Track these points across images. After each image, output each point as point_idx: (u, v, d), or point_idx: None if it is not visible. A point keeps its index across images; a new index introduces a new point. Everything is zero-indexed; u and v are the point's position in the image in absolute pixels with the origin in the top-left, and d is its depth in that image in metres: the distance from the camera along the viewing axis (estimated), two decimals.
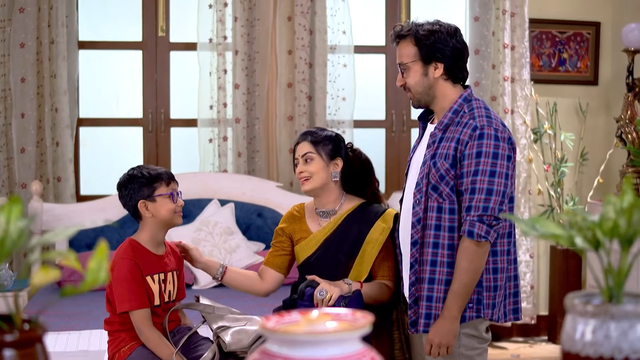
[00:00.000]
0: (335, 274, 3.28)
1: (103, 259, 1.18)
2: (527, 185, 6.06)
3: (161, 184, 3.24)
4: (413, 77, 3.09)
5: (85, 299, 4.56)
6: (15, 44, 5.56)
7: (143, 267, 3.16)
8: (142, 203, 3.21)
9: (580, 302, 1.28)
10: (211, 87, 5.84)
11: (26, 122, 5.57)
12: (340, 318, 1.26)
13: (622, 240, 1.28)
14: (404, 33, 3.10)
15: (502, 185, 2.93)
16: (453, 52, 3.07)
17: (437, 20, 3.13)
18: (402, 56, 3.12)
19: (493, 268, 3.01)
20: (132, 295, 3.10)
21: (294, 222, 3.43)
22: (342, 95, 6.00)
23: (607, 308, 1.24)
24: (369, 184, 3.46)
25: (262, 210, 5.67)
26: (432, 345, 2.97)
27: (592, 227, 1.29)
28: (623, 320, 1.23)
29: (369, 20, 6.31)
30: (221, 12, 5.79)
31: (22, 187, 5.57)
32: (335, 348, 1.20)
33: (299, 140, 3.38)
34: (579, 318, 1.27)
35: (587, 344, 1.24)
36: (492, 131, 2.96)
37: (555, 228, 1.33)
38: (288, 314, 1.28)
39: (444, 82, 3.09)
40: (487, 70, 6.04)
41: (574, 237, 1.31)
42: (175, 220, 3.26)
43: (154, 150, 6.02)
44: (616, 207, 1.28)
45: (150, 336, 3.11)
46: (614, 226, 1.27)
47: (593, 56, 6.34)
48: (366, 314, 1.26)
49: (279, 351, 1.20)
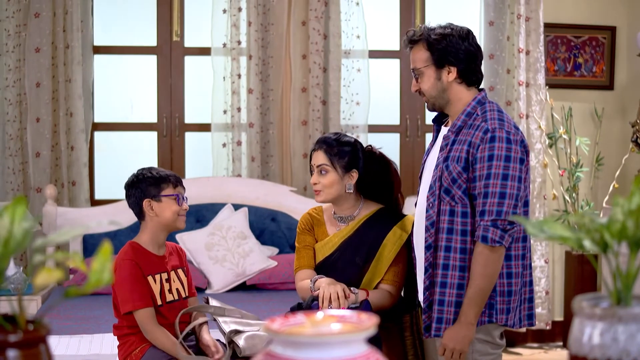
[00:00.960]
0: (351, 276, 3.27)
1: (106, 259, 1.17)
2: (542, 190, 6.03)
3: (168, 185, 3.26)
4: (427, 81, 3.07)
5: (98, 303, 4.57)
6: (30, 48, 5.58)
7: (144, 268, 3.17)
8: (147, 202, 3.22)
9: (588, 305, 1.26)
10: (225, 91, 5.84)
11: (41, 126, 5.59)
12: (345, 320, 1.25)
13: (630, 242, 1.27)
14: (416, 38, 3.08)
15: (515, 189, 2.90)
16: (466, 55, 3.04)
17: (449, 23, 3.11)
18: (415, 61, 3.09)
19: (507, 273, 2.97)
20: (135, 294, 3.11)
21: (314, 223, 3.42)
22: (356, 100, 5.99)
23: (615, 311, 1.22)
24: (388, 188, 3.42)
25: (276, 215, 5.67)
26: (446, 349, 2.95)
27: (600, 229, 1.28)
28: (631, 323, 1.22)
29: (383, 24, 6.30)
30: (235, 17, 5.80)
31: (37, 191, 5.59)
32: (340, 350, 1.19)
33: (316, 147, 3.35)
34: (586, 321, 1.25)
35: (595, 347, 1.23)
36: (504, 134, 2.92)
37: (563, 230, 1.32)
38: (293, 316, 1.27)
39: (458, 85, 3.06)
40: (501, 75, 6.02)
41: (582, 239, 1.30)
42: (177, 223, 3.26)
43: (168, 155, 6.03)
44: (624, 209, 1.26)
45: (156, 335, 3.11)
46: (622, 228, 1.26)
47: (609, 61, 6.31)
48: (371, 316, 1.25)
49: (284, 353, 1.20)
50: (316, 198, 3.34)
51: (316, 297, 3.12)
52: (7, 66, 5.62)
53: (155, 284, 3.20)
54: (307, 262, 3.37)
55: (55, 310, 4.53)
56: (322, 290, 3.09)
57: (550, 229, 1.33)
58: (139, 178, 3.27)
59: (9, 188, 5.63)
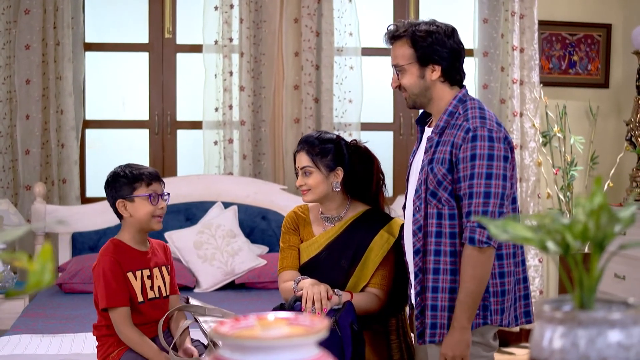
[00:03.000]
0: (337, 278, 3.23)
1: (47, 260, 1.13)
2: (537, 189, 5.99)
3: (141, 184, 3.20)
4: (409, 78, 3.00)
5: (86, 301, 4.53)
6: (20, 45, 5.54)
7: (124, 264, 3.13)
8: (120, 202, 3.18)
9: (549, 308, 1.23)
10: (217, 89, 5.80)
11: (31, 123, 5.56)
12: (297, 323, 1.21)
13: (592, 243, 1.23)
14: (400, 34, 3.01)
15: (500, 188, 2.83)
16: (450, 54, 2.97)
17: (434, 20, 3.04)
18: (397, 57, 3.02)
19: (499, 272, 2.91)
20: (111, 292, 3.07)
21: (299, 222, 3.38)
22: (349, 98, 5.95)
23: (575, 314, 1.19)
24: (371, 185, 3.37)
25: (267, 213, 5.63)
26: (447, 359, 2.89)
27: (561, 230, 1.24)
28: (591, 327, 1.18)
29: (376, 22, 6.25)
30: (227, 14, 5.75)
31: (27, 189, 5.55)
32: (290, 354, 1.15)
33: (298, 149, 3.31)
34: (547, 324, 1.22)
35: (555, 351, 1.19)
36: (486, 132, 2.86)
37: (525, 231, 1.28)
38: (245, 318, 1.24)
39: (441, 84, 2.99)
40: (495, 72, 5.99)
41: (544, 240, 1.26)
42: (152, 225, 3.20)
43: (160, 153, 6.00)
44: (585, 210, 1.23)
45: (129, 335, 3.07)
46: (583, 229, 1.22)
47: (604, 58, 6.27)
48: (323, 319, 1.22)
49: (231, 357, 1.16)
50: (304, 198, 3.30)
51: (299, 298, 3.08)
52: None
53: (135, 280, 3.16)
54: (291, 262, 3.33)
55: (41, 309, 4.50)
56: (305, 290, 3.06)
57: (513, 230, 1.30)
58: (113, 178, 3.23)
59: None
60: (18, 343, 3.78)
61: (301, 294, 3.07)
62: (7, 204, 5.15)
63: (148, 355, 3.06)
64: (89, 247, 5.44)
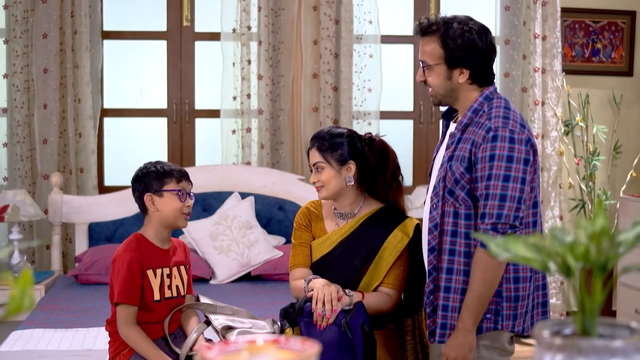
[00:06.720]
0: (349, 277, 3.19)
1: (27, 286, 1.10)
2: (558, 178, 5.92)
3: (171, 179, 3.19)
4: (435, 78, 2.91)
5: (100, 293, 4.53)
6: (38, 34, 5.53)
7: (145, 261, 3.11)
8: (148, 196, 3.17)
9: (548, 334, 1.18)
10: (235, 77, 5.76)
11: (49, 112, 5.55)
12: (287, 347, 1.18)
13: (594, 266, 1.18)
14: (432, 30, 2.90)
15: (517, 191, 2.74)
16: (481, 57, 2.88)
17: (468, 17, 2.93)
18: (425, 54, 2.91)
19: (514, 277, 2.83)
20: (123, 289, 3.06)
21: (311, 218, 3.34)
22: (368, 86, 5.90)
23: (575, 342, 1.14)
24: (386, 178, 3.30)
25: (284, 204, 5.59)
26: (448, 359, 2.85)
27: (563, 252, 1.19)
28: (591, 355, 1.13)
29: (397, 9, 6.19)
30: (245, 2, 5.71)
31: (45, 178, 5.55)
32: None
33: (309, 146, 3.28)
34: (545, 351, 1.17)
35: None
36: (507, 133, 2.77)
37: (526, 251, 1.24)
38: (235, 343, 1.20)
39: (468, 86, 2.91)
40: (517, 60, 5.90)
41: (546, 261, 1.22)
42: (178, 221, 3.19)
43: (178, 141, 5.98)
44: (587, 232, 1.18)
45: (128, 334, 3.06)
46: (585, 252, 1.17)
47: (628, 46, 6.16)
48: (314, 344, 1.18)
49: None
50: (319, 195, 3.26)
51: (309, 299, 3.04)
52: (14, 52, 5.57)
53: (155, 278, 3.14)
54: (303, 260, 3.29)
55: (56, 301, 4.50)
56: (316, 291, 3.02)
57: (513, 249, 1.25)
58: (143, 172, 3.22)
59: (17, 175, 5.59)
60: (30, 338, 3.77)
61: (312, 294, 3.03)
62: (24, 195, 5.15)
63: (147, 355, 3.04)
64: (105, 238, 5.43)
